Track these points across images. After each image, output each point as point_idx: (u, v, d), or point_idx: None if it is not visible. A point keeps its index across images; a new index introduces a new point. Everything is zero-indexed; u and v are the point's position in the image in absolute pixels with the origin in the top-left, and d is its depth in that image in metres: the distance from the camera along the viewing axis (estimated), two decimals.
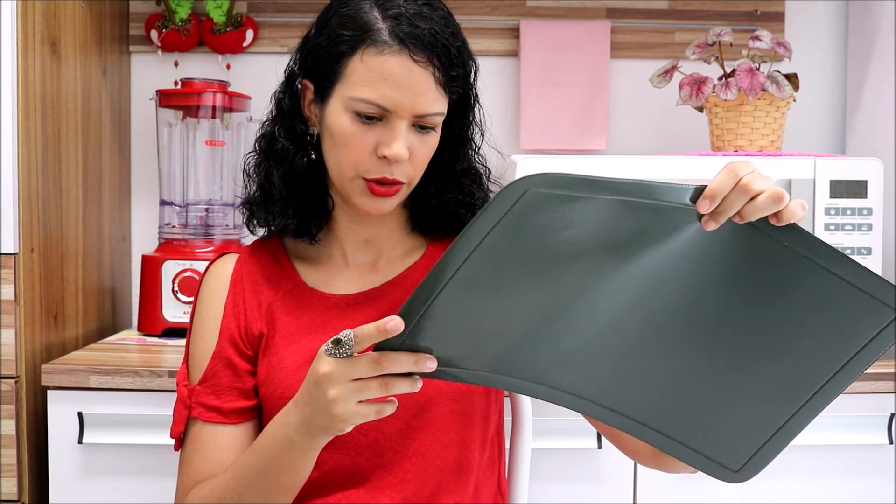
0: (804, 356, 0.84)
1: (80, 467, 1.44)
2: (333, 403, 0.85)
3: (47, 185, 1.53)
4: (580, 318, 0.82)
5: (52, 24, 1.55)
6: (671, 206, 0.76)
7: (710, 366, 0.86)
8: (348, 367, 0.83)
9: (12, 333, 1.41)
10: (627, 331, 0.84)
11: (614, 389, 0.89)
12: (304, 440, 0.92)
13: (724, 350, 0.85)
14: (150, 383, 1.41)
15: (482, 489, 1.11)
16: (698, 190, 0.77)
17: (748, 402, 0.87)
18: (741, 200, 0.76)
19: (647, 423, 0.90)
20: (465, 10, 1.94)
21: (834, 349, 0.83)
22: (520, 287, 0.80)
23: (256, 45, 1.95)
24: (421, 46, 0.98)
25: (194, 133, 1.81)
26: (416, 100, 0.99)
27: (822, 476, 1.51)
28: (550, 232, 0.76)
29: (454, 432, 1.06)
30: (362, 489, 1.05)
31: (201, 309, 1.13)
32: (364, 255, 1.12)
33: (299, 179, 1.08)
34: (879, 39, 1.82)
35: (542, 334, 0.83)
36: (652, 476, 1.50)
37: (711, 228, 0.78)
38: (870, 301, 0.80)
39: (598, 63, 1.95)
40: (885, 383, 1.49)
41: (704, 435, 0.90)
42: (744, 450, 0.90)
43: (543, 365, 0.86)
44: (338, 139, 1.02)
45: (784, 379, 0.85)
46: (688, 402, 0.88)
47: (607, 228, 0.76)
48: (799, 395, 0.86)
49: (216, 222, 1.81)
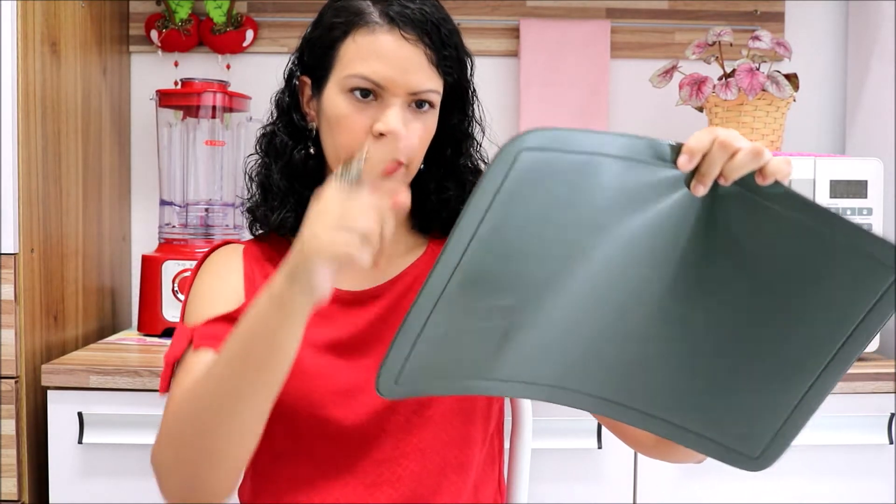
0: (809, 328, 0.82)
1: (79, 467, 1.44)
2: (315, 218, 0.81)
3: (47, 185, 1.53)
4: (580, 305, 0.81)
5: (52, 24, 1.55)
6: (653, 165, 0.76)
7: (715, 346, 0.84)
8: (340, 190, 0.81)
9: (12, 333, 1.41)
10: (628, 317, 0.83)
11: (619, 381, 0.86)
12: (284, 289, 0.84)
13: (727, 328, 0.83)
14: (150, 383, 1.41)
15: (482, 487, 1.11)
16: (676, 148, 0.76)
17: (759, 383, 0.85)
18: (722, 156, 0.76)
19: (657, 414, 0.87)
20: (465, 10, 1.95)
21: (838, 318, 0.81)
22: (523, 274, 0.78)
23: (256, 45, 1.95)
24: (411, 25, 1.00)
25: (194, 133, 1.81)
26: (409, 76, 1.00)
27: (822, 476, 1.51)
28: (549, 204, 0.74)
29: (455, 429, 1.06)
30: (360, 485, 1.04)
31: (205, 278, 1.10)
32: None
33: (297, 173, 1.09)
34: (879, 39, 1.82)
35: (549, 327, 0.81)
36: (652, 476, 1.50)
37: (701, 193, 0.77)
38: (869, 262, 0.78)
39: (598, 63, 1.95)
40: (885, 383, 1.49)
41: (718, 422, 0.87)
42: (761, 434, 0.87)
43: (545, 361, 0.84)
44: (333, 122, 1.03)
45: (792, 354, 0.83)
46: (696, 387, 0.86)
47: (599, 199, 0.75)
48: (809, 369, 0.83)
49: (216, 222, 1.81)
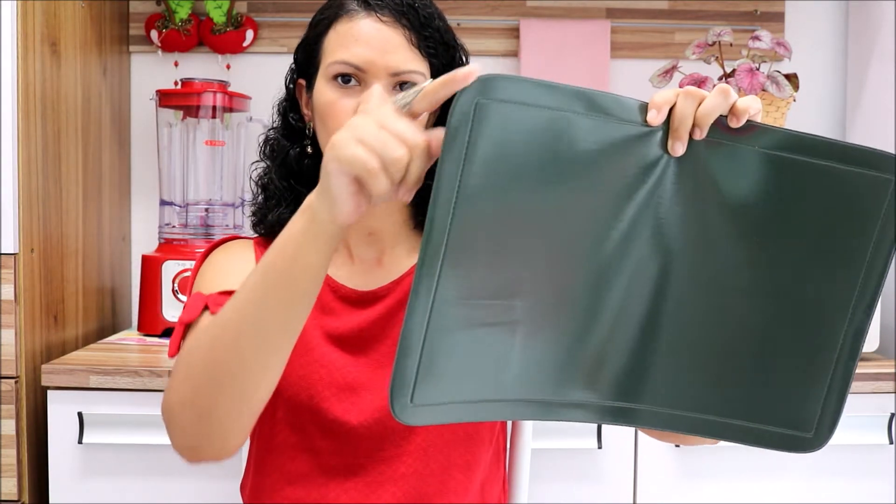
0: (825, 268, 0.78)
1: (79, 467, 1.44)
2: (352, 125, 0.77)
3: (47, 185, 1.53)
4: (588, 296, 0.78)
5: (52, 24, 1.55)
6: (622, 123, 0.74)
7: (740, 321, 0.80)
8: (388, 109, 0.76)
9: (12, 333, 1.41)
10: (646, 311, 0.79)
11: (654, 384, 0.81)
12: (311, 200, 0.81)
13: (744, 297, 0.80)
14: (150, 383, 1.41)
15: (489, 487, 1.10)
16: (642, 107, 0.75)
17: (791, 349, 0.80)
18: (690, 105, 0.75)
19: (699, 412, 0.82)
20: (465, 10, 1.95)
21: (851, 247, 0.78)
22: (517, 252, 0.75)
23: (256, 45, 1.95)
24: (388, 8, 1.02)
25: (194, 133, 1.81)
26: (389, 57, 1.01)
27: (822, 476, 1.52)
28: (525, 168, 0.72)
29: (461, 428, 1.06)
30: (361, 483, 1.04)
31: (216, 260, 1.08)
32: (368, 250, 1.12)
33: (293, 170, 1.10)
34: (879, 39, 1.82)
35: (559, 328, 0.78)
36: (652, 476, 1.50)
37: (679, 152, 0.76)
38: (867, 177, 0.76)
39: (598, 63, 1.95)
40: (885, 383, 1.49)
41: (760, 407, 0.82)
42: (808, 408, 0.81)
43: (569, 373, 0.79)
44: (322, 111, 1.03)
45: (816, 304, 0.79)
46: (729, 373, 0.81)
47: (579, 162, 0.74)
48: (838, 317, 0.79)
49: (216, 222, 1.81)
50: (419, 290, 0.73)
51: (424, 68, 1.03)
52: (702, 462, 1.51)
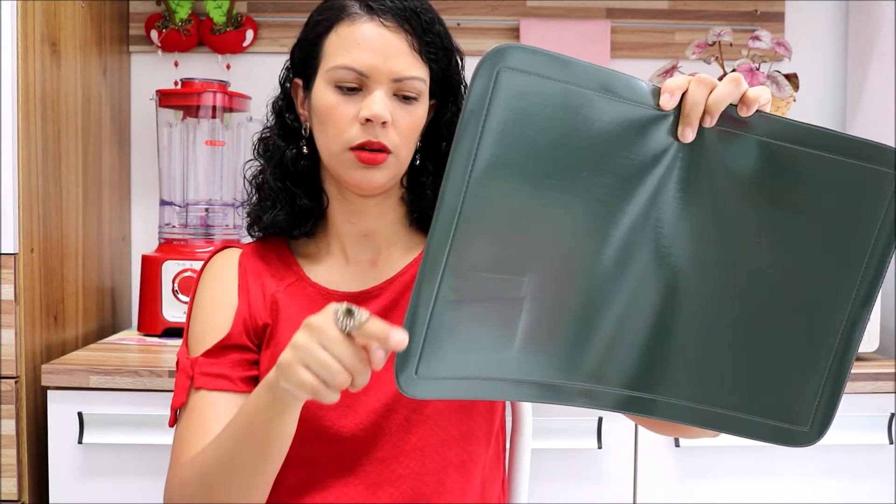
0: (828, 262, 0.79)
1: (79, 467, 1.44)
2: (292, 348, 0.82)
3: (47, 185, 1.53)
4: (595, 279, 0.78)
5: (52, 24, 1.55)
6: (638, 105, 0.76)
7: (740, 312, 0.81)
8: (331, 334, 0.80)
9: (12, 333, 1.41)
10: (649, 299, 0.80)
11: (643, 369, 0.82)
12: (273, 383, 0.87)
13: (747, 286, 0.80)
14: (150, 383, 1.41)
15: (489, 486, 1.11)
16: (654, 91, 0.77)
17: (789, 341, 0.81)
18: (702, 90, 0.78)
19: (697, 402, 0.83)
20: (465, 10, 1.95)
21: (855, 241, 0.79)
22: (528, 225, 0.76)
23: (256, 45, 1.95)
24: (391, 13, 1.02)
25: (194, 133, 1.81)
26: (391, 62, 1.01)
27: (822, 476, 1.51)
28: (542, 141, 0.73)
29: (454, 427, 1.06)
30: (360, 485, 1.05)
31: (204, 289, 1.12)
32: (363, 250, 1.12)
33: (289, 171, 1.10)
34: (879, 39, 1.82)
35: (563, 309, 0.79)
36: (652, 476, 1.50)
37: (689, 138, 0.78)
38: (869, 171, 0.77)
39: (598, 63, 1.94)
40: (885, 383, 1.49)
41: (756, 398, 0.82)
42: (804, 400, 0.82)
43: (571, 354, 0.80)
44: (322, 115, 1.04)
45: (815, 295, 0.80)
46: (726, 363, 0.82)
47: (594, 140, 0.75)
48: (837, 308, 0.80)
49: (216, 222, 1.81)
50: (429, 259, 0.75)
51: (425, 74, 1.04)
52: (702, 462, 1.51)
